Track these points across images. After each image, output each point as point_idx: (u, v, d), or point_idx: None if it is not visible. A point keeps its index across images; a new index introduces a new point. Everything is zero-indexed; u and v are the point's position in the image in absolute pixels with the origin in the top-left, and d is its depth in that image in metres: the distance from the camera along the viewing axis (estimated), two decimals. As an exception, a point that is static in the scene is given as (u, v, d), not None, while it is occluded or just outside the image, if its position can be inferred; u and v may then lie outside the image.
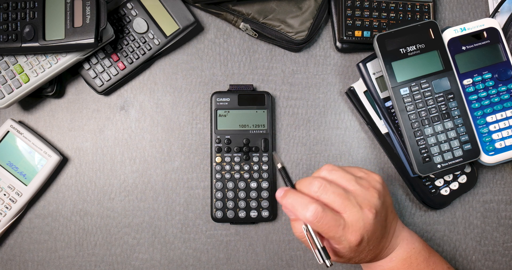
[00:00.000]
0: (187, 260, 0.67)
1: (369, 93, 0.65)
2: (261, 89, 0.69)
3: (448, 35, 0.63)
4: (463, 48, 0.63)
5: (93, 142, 0.68)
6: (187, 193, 0.68)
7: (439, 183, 0.66)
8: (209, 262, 0.67)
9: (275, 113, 0.69)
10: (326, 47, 0.69)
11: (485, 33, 0.63)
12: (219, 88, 0.68)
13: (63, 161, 0.67)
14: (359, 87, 0.66)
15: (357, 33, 0.66)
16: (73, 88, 0.68)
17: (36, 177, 0.64)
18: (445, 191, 0.66)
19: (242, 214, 0.65)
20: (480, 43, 0.63)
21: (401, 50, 0.61)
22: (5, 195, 0.64)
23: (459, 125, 0.62)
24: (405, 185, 0.68)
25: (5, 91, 0.61)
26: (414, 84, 0.61)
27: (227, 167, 0.65)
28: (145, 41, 0.65)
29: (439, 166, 0.61)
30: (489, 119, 0.63)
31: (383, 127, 0.65)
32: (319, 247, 0.49)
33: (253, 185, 0.65)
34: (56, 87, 0.65)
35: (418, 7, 0.67)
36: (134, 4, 0.65)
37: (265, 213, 0.65)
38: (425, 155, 0.61)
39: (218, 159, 0.65)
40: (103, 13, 0.58)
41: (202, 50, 0.69)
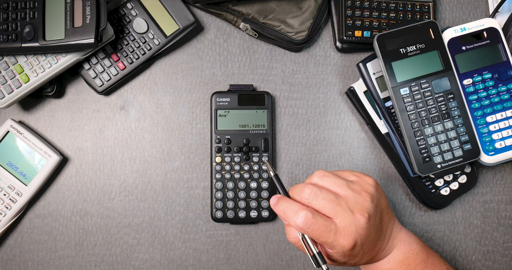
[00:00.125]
0: (187, 260, 0.67)
1: (369, 93, 0.65)
2: (261, 89, 0.69)
3: (448, 35, 0.63)
4: (463, 48, 0.63)
5: (93, 142, 0.68)
6: (187, 193, 0.68)
7: (439, 183, 0.66)
8: (209, 262, 0.67)
9: (275, 113, 0.69)
10: (326, 47, 0.69)
11: (485, 33, 0.63)
12: (219, 88, 0.68)
13: (63, 161, 0.67)
14: (359, 87, 0.66)
15: (357, 33, 0.66)
16: (73, 88, 0.68)
17: (36, 177, 0.64)
18: (445, 191, 0.66)
19: (242, 214, 0.65)
20: (480, 43, 0.63)
21: (401, 50, 0.61)
22: (5, 195, 0.64)
23: (459, 125, 0.62)
24: (405, 185, 0.68)
25: (5, 91, 0.61)
26: (414, 84, 0.61)
27: (227, 167, 0.65)
28: (145, 41, 0.65)
29: (439, 166, 0.61)
30: (489, 119, 0.63)
31: (383, 127, 0.65)
32: (315, 252, 0.49)
33: (253, 185, 0.65)
34: (56, 87, 0.65)
35: (418, 7, 0.67)
36: (134, 4, 0.65)
37: (265, 213, 0.65)
38: (425, 155, 0.61)
39: (218, 159, 0.65)
40: (103, 13, 0.58)
41: (202, 50, 0.69)
